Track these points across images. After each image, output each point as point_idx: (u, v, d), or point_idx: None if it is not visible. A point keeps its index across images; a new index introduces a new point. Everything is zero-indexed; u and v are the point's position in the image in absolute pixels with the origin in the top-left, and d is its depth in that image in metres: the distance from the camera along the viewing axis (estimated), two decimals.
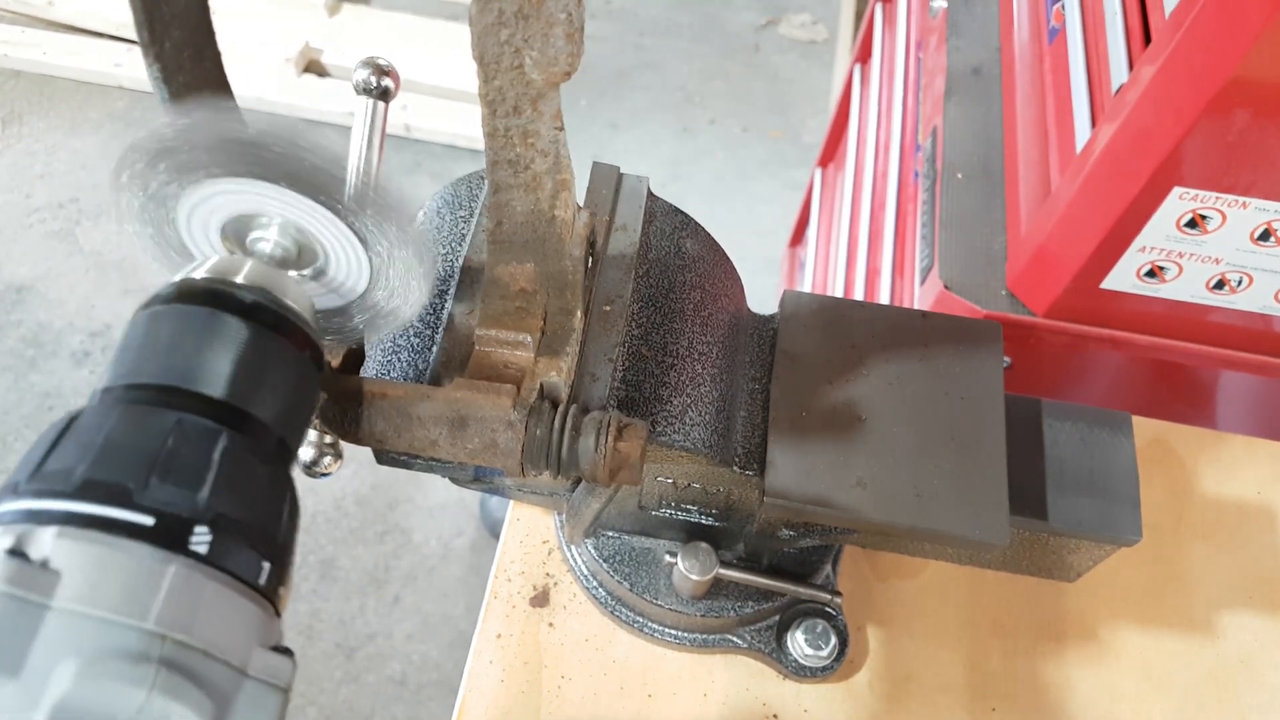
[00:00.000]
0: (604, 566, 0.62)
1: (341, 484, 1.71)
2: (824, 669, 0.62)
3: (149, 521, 0.31)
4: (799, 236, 1.83)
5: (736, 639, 0.63)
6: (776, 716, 0.63)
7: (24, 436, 1.74)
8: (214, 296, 0.36)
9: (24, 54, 2.20)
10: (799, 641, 0.62)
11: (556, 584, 0.66)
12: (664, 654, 0.64)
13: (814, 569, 0.63)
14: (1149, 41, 0.73)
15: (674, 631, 0.63)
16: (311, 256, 0.41)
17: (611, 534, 0.63)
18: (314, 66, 2.26)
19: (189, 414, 0.34)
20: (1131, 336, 0.86)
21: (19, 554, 0.29)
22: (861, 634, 0.66)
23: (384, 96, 0.48)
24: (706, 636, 0.64)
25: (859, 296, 1.20)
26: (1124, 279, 0.80)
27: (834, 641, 0.62)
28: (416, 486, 1.73)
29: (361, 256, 0.40)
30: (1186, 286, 0.80)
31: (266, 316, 0.37)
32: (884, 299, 1.08)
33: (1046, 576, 0.67)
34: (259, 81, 2.17)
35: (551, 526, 0.67)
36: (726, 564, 0.60)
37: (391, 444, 0.46)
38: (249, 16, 2.26)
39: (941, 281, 0.87)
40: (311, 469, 0.47)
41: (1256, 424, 0.97)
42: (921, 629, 0.67)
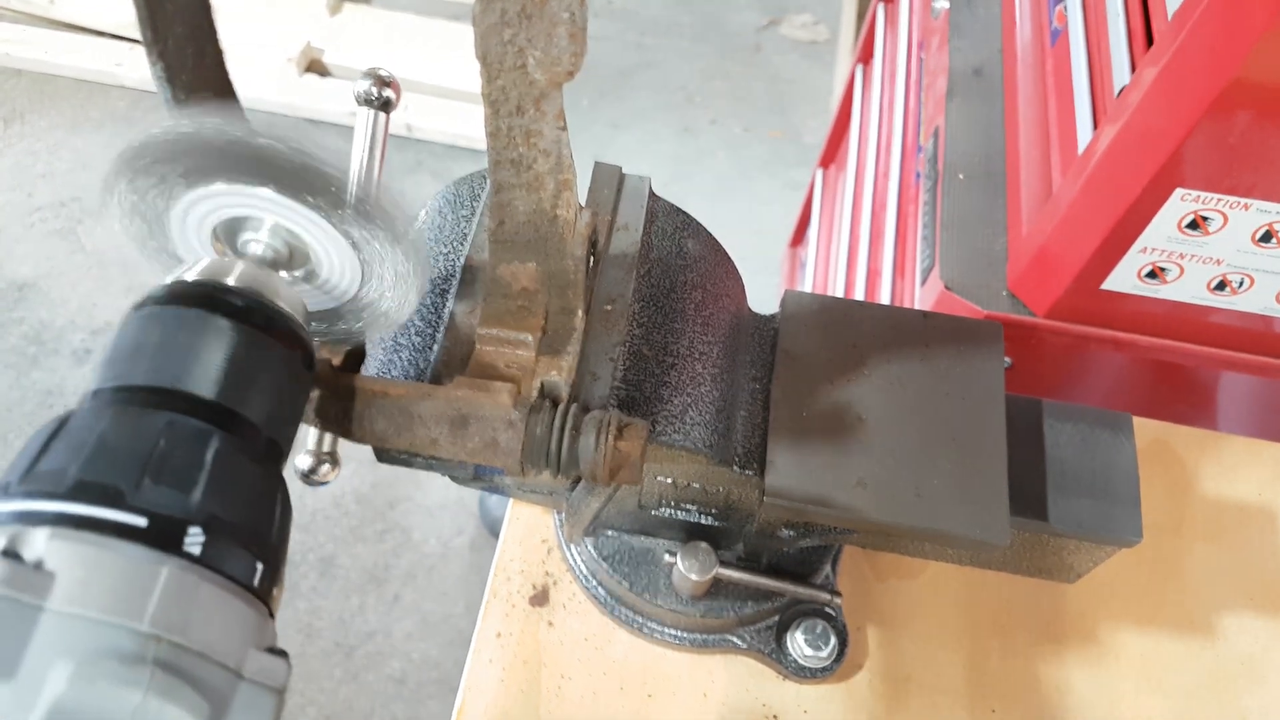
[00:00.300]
0: (604, 566, 0.62)
1: (341, 482, 1.71)
2: (824, 669, 0.62)
3: (142, 523, 0.31)
4: (800, 237, 1.83)
5: (736, 639, 0.63)
6: (776, 717, 0.62)
7: (25, 434, 1.74)
8: (205, 299, 0.37)
9: (26, 53, 2.20)
10: (799, 642, 0.62)
11: (556, 583, 0.66)
12: (663, 654, 0.64)
13: (814, 569, 0.63)
14: (1151, 43, 0.73)
15: (674, 631, 0.63)
16: (303, 258, 0.41)
17: (611, 533, 0.63)
18: (315, 66, 2.26)
19: (180, 415, 0.34)
20: (1132, 337, 0.86)
21: (13, 555, 0.29)
22: (861, 634, 0.66)
23: (385, 108, 0.48)
24: (706, 636, 0.64)
25: (860, 297, 1.20)
26: (1125, 280, 0.80)
27: (834, 642, 0.62)
28: (416, 485, 1.73)
29: (352, 258, 0.40)
30: (1188, 288, 0.80)
31: (257, 318, 0.37)
32: (885, 299, 1.08)
33: (1047, 577, 0.67)
34: (260, 81, 2.17)
35: (551, 525, 0.67)
36: (726, 564, 0.60)
37: (392, 442, 0.46)
38: (250, 16, 2.27)
39: (942, 282, 0.87)
40: (309, 477, 0.47)
41: (1257, 425, 0.97)
42: (921, 629, 0.67)
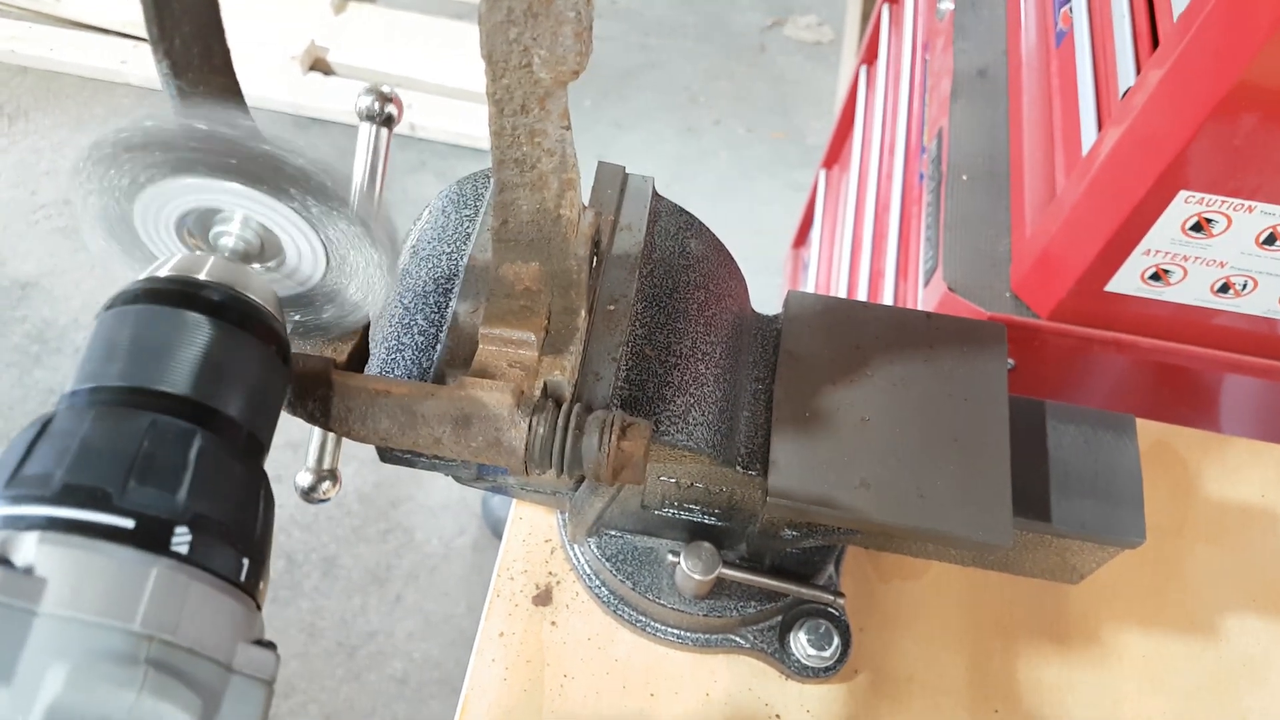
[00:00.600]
0: (607, 565, 0.62)
1: (344, 482, 1.71)
2: (827, 669, 0.62)
3: (130, 524, 0.31)
4: (802, 237, 1.83)
5: (739, 639, 0.63)
6: (779, 717, 0.62)
7: None
8: (179, 295, 0.36)
9: (31, 50, 2.21)
10: (802, 642, 0.62)
11: (559, 583, 0.66)
12: (666, 653, 0.64)
13: (817, 569, 0.63)
14: (1156, 45, 0.72)
15: (676, 631, 0.63)
16: (274, 249, 0.41)
17: (614, 533, 0.63)
18: (319, 65, 2.26)
19: (163, 414, 0.34)
20: (1135, 339, 0.86)
21: (3, 561, 0.29)
22: (864, 635, 0.66)
23: (387, 123, 0.48)
24: (709, 636, 0.64)
25: (862, 298, 1.20)
26: (1128, 282, 0.80)
27: (837, 642, 0.62)
28: (419, 485, 1.73)
29: (314, 240, 0.40)
30: (1191, 290, 0.80)
31: (232, 314, 0.37)
32: (887, 300, 1.08)
33: (1049, 578, 0.67)
34: (264, 80, 2.18)
35: (554, 525, 0.67)
36: (729, 564, 0.60)
37: (395, 442, 0.46)
38: (255, 15, 2.27)
39: (946, 283, 0.87)
40: (309, 495, 0.47)
41: (1260, 427, 0.97)
42: (924, 630, 0.67)
